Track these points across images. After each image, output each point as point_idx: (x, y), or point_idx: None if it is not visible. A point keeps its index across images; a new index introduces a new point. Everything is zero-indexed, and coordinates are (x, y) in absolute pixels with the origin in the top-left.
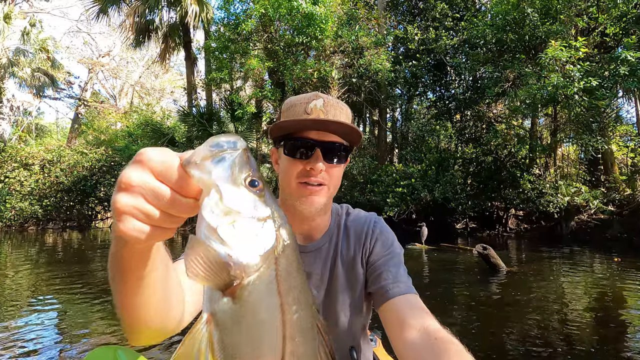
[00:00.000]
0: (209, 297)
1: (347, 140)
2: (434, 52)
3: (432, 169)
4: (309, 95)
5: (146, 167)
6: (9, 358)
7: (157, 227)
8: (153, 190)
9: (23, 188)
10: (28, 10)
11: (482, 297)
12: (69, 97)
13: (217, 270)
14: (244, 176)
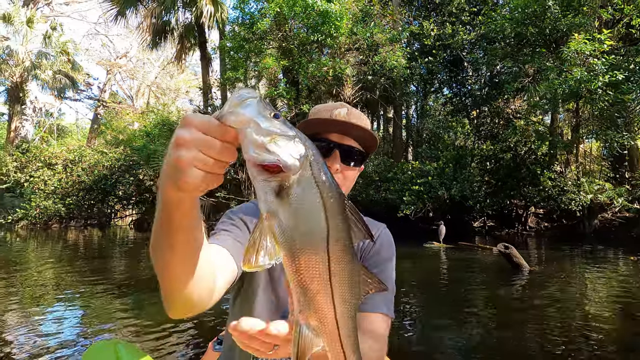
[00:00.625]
0: (265, 200)
1: (364, 146)
2: (450, 48)
3: (450, 166)
4: (335, 104)
5: (192, 126)
6: (31, 348)
7: (212, 174)
8: (204, 141)
9: (47, 187)
10: (49, 14)
11: (505, 297)
12: (88, 98)
13: (271, 173)
14: (269, 111)
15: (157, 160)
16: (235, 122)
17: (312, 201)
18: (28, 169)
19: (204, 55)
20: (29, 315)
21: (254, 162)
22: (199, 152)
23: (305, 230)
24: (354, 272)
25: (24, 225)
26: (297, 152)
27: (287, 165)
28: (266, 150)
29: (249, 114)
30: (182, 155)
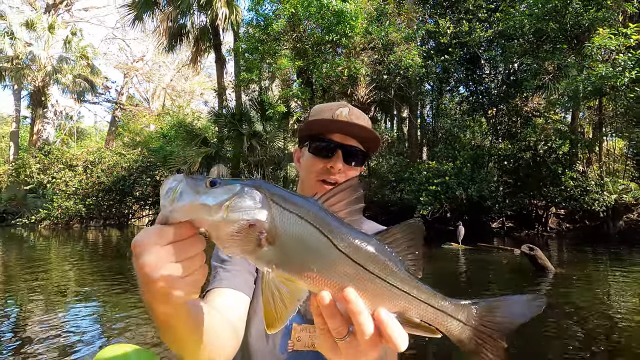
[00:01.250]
0: (257, 257)
1: (366, 147)
2: (467, 46)
3: (468, 166)
4: (337, 103)
5: (151, 247)
6: (51, 344)
7: (193, 275)
8: (171, 253)
9: (68, 188)
10: (69, 20)
11: None
12: (106, 101)
13: (248, 234)
14: (202, 185)
15: (174, 161)
16: (184, 217)
17: (297, 226)
18: (50, 171)
19: (219, 58)
20: (47, 314)
21: (228, 237)
22: (173, 264)
23: (311, 252)
24: (384, 253)
25: (47, 225)
26: (256, 200)
27: (257, 218)
28: (230, 221)
29: (188, 201)
30: (159, 278)
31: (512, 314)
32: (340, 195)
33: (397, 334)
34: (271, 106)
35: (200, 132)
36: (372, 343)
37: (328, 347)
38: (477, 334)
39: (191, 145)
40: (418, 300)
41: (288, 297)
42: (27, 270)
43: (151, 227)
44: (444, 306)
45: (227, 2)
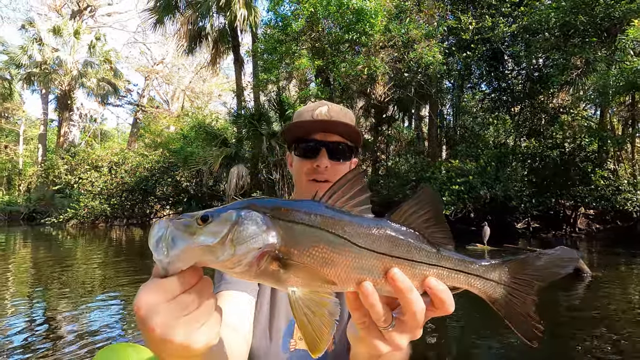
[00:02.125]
0: (278, 280)
1: (350, 140)
2: (489, 42)
3: (492, 165)
4: (315, 104)
5: (156, 306)
6: (78, 341)
7: (208, 321)
8: (178, 307)
9: (94, 188)
10: (93, 26)
11: (566, 305)
12: (128, 103)
13: (261, 261)
14: (194, 225)
15: (194, 162)
16: (185, 264)
17: (309, 236)
18: (77, 171)
19: (237, 59)
20: (72, 308)
21: (242, 271)
22: (186, 317)
23: (331, 258)
24: (403, 234)
25: (74, 224)
26: (259, 223)
27: (267, 243)
28: (239, 255)
29: (185, 246)
30: (175, 337)
31: (544, 269)
32: (343, 190)
33: (448, 297)
34: (290, 106)
35: (220, 132)
36: (420, 321)
37: (371, 342)
38: (509, 290)
39: (211, 146)
40: (448, 270)
41: (322, 313)
42: (56, 267)
43: (150, 282)
44: (474, 269)
45: (245, 3)
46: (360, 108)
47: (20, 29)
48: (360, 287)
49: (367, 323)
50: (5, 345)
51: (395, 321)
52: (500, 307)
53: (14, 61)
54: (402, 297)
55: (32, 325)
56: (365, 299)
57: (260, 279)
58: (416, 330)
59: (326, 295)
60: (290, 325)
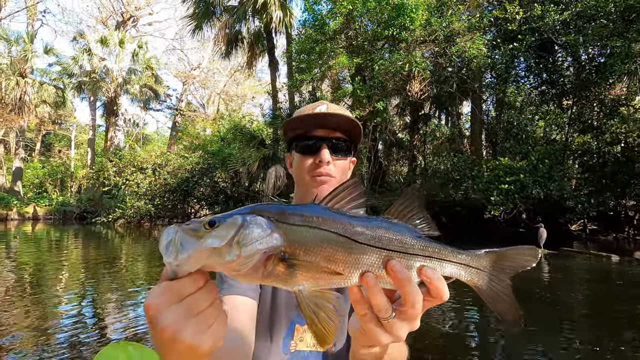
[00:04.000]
0: (284, 281)
1: (349, 135)
2: (538, 31)
3: (546, 162)
4: (314, 103)
5: (167, 306)
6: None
7: (215, 323)
8: (188, 306)
9: (139, 189)
10: (135, 35)
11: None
12: (168, 107)
13: (267, 263)
14: (202, 229)
15: (232, 163)
16: (193, 267)
17: (312, 237)
18: (124, 173)
19: (272, 61)
20: (117, 303)
21: (248, 272)
22: (195, 318)
23: (334, 256)
24: (398, 230)
25: (122, 223)
26: (263, 227)
27: (272, 245)
28: (246, 256)
29: (193, 250)
30: (184, 337)
31: (517, 261)
32: (342, 195)
33: (444, 285)
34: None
35: (257, 134)
36: (418, 310)
37: (373, 333)
38: (491, 277)
39: (249, 147)
40: (439, 260)
41: (328, 308)
42: (107, 263)
43: (160, 285)
44: (462, 259)
45: (281, 5)
46: (395, 106)
47: (72, 40)
48: (363, 279)
49: (369, 315)
50: (57, 333)
51: (395, 312)
52: (483, 293)
53: (67, 71)
54: (402, 288)
55: (82, 317)
56: (368, 290)
57: (267, 281)
58: (414, 321)
59: (331, 292)
60: (290, 326)
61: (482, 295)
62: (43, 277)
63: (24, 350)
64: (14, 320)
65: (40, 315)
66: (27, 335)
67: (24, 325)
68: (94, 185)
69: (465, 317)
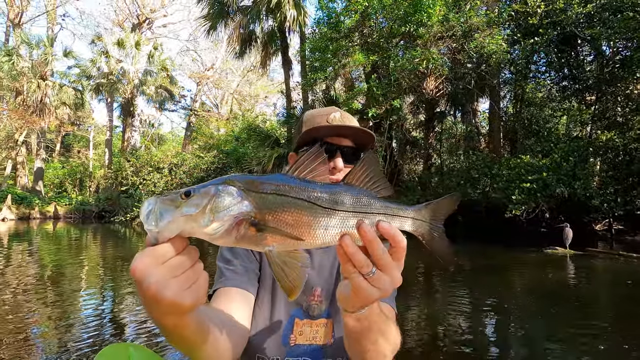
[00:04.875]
0: (256, 243)
1: (359, 144)
2: (560, 25)
3: (570, 160)
4: (328, 109)
5: (151, 269)
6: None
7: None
8: (172, 266)
9: (156, 188)
10: (150, 37)
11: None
12: (182, 108)
13: (239, 227)
14: (178, 199)
15: (247, 163)
16: (172, 233)
17: (278, 203)
18: (142, 173)
19: (286, 60)
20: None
21: (222, 236)
22: (176, 279)
23: (299, 220)
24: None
25: (139, 222)
26: (234, 195)
27: (241, 211)
28: (218, 221)
29: (171, 217)
30: (166, 295)
31: (445, 208)
32: (305, 164)
33: (398, 234)
34: (345, 104)
35: (271, 133)
36: (388, 260)
37: (361, 290)
38: (431, 226)
39: (263, 147)
40: (391, 216)
41: (295, 265)
42: (124, 260)
43: (144, 250)
44: (409, 213)
45: (295, 4)
46: (409, 104)
47: (90, 43)
48: (340, 240)
49: (355, 274)
50: (77, 327)
51: (376, 270)
52: (426, 239)
53: (85, 73)
54: (369, 244)
55: (101, 313)
56: (346, 248)
57: (240, 243)
58: (391, 272)
59: (297, 251)
60: (290, 320)
61: (425, 242)
62: (64, 273)
63: (47, 342)
64: (37, 313)
65: (61, 310)
66: (49, 328)
67: (47, 317)
68: (112, 185)
69: (482, 319)
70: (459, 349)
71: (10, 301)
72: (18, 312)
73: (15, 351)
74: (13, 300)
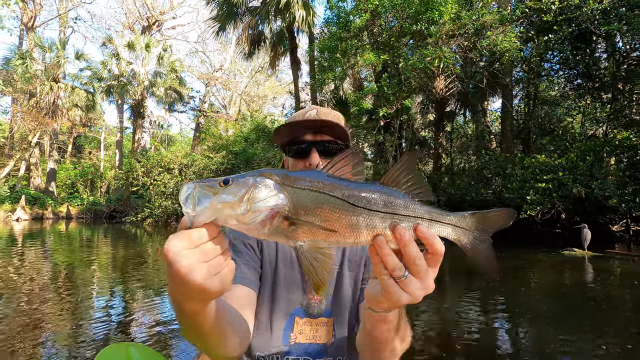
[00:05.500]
0: (286, 236)
1: (339, 138)
2: (576, 21)
3: (587, 159)
4: (305, 109)
5: (184, 252)
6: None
7: (223, 271)
8: (203, 254)
9: (167, 189)
10: (160, 39)
11: None
12: (191, 109)
13: (273, 219)
14: (217, 186)
15: (256, 163)
16: (208, 218)
17: (312, 199)
18: (152, 174)
19: (294, 60)
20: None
21: (256, 225)
22: (206, 263)
23: (331, 216)
24: (391, 194)
25: (150, 222)
26: (271, 187)
27: (277, 203)
28: (255, 211)
29: (209, 203)
30: (196, 279)
31: (496, 221)
32: (342, 162)
33: (437, 240)
34: (355, 103)
35: None
36: (422, 267)
37: (392, 293)
38: (474, 236)
39: (272, 147)
40: (430, 221)
41: (324, 262)
42: (136, 259)
43: (179, 233)
44: (451, 220)
45: (303, 4)
46: (418, 104)
47: (101, 45)
48: (374, 241)
49: (386, 276)
50: (88, 325)
51: (408, 273)
52: (468, 250)
53: (96, 75)
54: (403, 247)
55: (111, 312)
56: (379, 249)
57: (272, 237)
58: (425, 279)
59: (327, 249)
60: (290, 319)
61: (466, 252)
62: (76, 273)
63: (59, 340)
64: (50, 312)
65: (73, 308)
66: (61, 326)
67: (60, 317)
68: (123, 186)
69: (494, 322)
70: (471, 351)
71: (24, 298)
72: (32, 307)
73: (28, 345)
74: (27, 298)
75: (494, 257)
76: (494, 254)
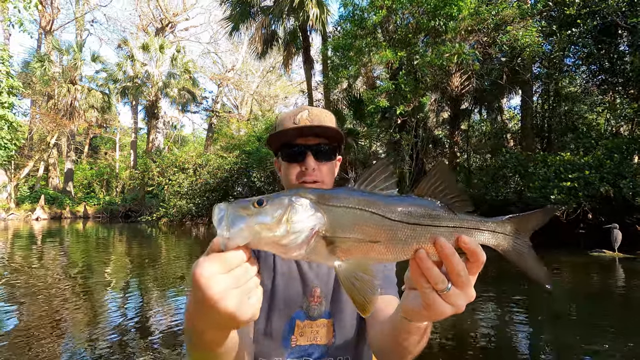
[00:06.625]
0: (325, 258)
1: (331, 139)
2: (600, 14)
3: (615, 157)
4: (296, 110)
5: (216, 277)
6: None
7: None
8: (235, 279)
9: (181, 188)
10: (173, 40)
11: None
12: (204, 109)
13: (311, 240)
14: (252, 207)
15: (270, 163)
16: (243, 240)
17: (348, 216)
18: (167, 174)
19: (307, 59)
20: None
21: (295, 247)
22: (238, 289)
23: (369, 232)
24: (428, 206)
25: (165, 221)
26: (307, 207)
27: (315, 223)
28: (294, 232)
29: (244, 224)
30: (228, 305)
31: (535, 221)
32: (372, 177)
33: (479, 248)
34: (371, 101)
35: None
36: (465, 277)
37: (436, 306)
38: (514, 240)
39: None
40: (469, 229)
41: (366, 280)
42: (150, 259)
43: (211, 256)
44: (490, 226)
45: (317, 2)
46: (433, 101)
47: (117, 48)
48: (415, 255)
49: (428, 289)
50: (101, 330)
51: (451, 285)
52: (510, 255)
53: (112, 77)
54: (446, 259)
55: (126, 310)
56: (421, 263)
57: (310, 257)
58: (467, 289)
59: (368, 266)
60: (290, 322)
61: (509, 258)
62: (93, 271)
63: (76, 337)
64: (67, 307)
65: (89, 306)
66: (78, 323)
67: (76, 314)
68: (139, 185)
69: (514, 321)
70: (490, 354)
71: (44, 293)
72: (51, 304)
73: (46, 341)
74: (46, 294)
75: (541, 261)
76: (537, 256)
